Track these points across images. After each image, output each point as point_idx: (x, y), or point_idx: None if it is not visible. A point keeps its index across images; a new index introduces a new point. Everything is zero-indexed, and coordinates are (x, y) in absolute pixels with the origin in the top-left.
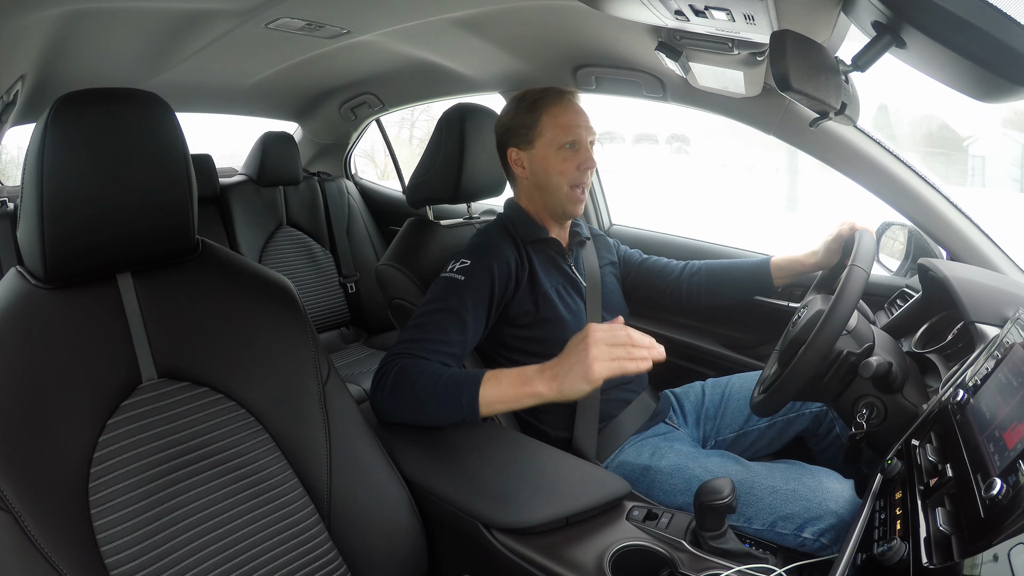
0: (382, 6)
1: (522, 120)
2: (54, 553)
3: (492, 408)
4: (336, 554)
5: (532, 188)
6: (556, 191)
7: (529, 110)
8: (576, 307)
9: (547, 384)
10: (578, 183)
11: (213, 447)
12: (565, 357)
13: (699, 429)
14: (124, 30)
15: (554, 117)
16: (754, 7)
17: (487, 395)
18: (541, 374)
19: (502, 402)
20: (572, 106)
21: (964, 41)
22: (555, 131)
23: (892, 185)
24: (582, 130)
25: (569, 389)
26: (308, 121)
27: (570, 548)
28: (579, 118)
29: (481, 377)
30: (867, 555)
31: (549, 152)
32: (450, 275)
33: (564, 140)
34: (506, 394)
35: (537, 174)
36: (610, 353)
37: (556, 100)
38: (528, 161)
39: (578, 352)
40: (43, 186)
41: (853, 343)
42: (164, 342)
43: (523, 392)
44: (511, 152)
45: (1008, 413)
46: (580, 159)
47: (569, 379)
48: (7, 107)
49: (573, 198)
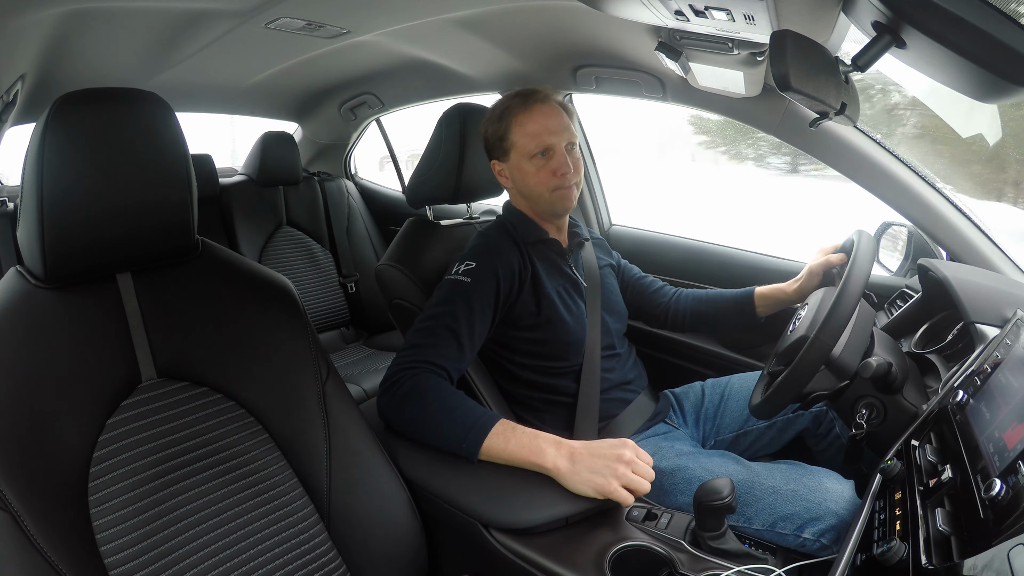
0: (382, 6)
1: (494, 131)
2: (54, 553)
3: (491, 458)
4: (336, 554)
5: (519, 196)
6: (539, 199)
7: (498, 121)
8: (577, 308)
9: (557, 466)
10: (559, 187)
11: (213, 447)
12: (594, 455)
13: (699, 429)
14: (124, 30)
15: (521, 126)
16: (754, 7)
17: (491, 448)
18: (558, 452)
19: (502, 459)
20: (538, 112)
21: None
22: (524, 140)
23: (892, 185)
24: (552, 136)
25: (572, 483)
26: (308, 121)
27: (570, 548)
28: (548, 122)
29: (491, 426)
30: (867, 555)
31: (522, 162)
32: (456, 277)
33: (534, 149)
34: (513, 456)
35: (518, 184)
36: (624, 477)
37: (521, 108)
38: (508, 171)
39: (607, 464)
40: (43, 186)
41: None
42: (164, 342)
43: (530, 461)
44: (493, 164)
45: (1008, 413)
46: (554, 165)
47: (582, 476)
48: (7, 107)
49: (558, 197)
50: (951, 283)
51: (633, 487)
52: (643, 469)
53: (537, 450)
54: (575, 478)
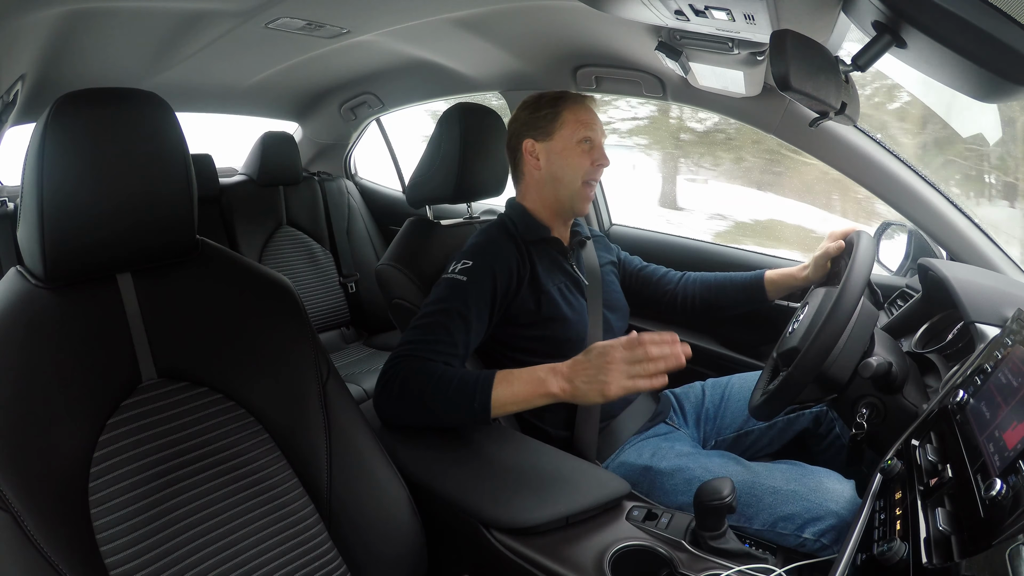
0: (382, 6)
1: (543, 113)
2: (54, 553)
3: (504, 409)
4: (336, 554)
5: (545, 181)
6: (570, 184)
7: (551, 105)
8: (578, 305)
9: (560, 387)
10: (591, 178)
11: (213, 447)
12: (582, 366)
13: (699, 429)
14: (124, 30)
15: (575, 113)
16: (754, 7)
17: (499, 397)
18: (555, 376)
19: (514, 403)
20: (590, 108)
21: (964, 41)
22: (575, 125)
23: (892, 185)
24: (599, 131)
25: (582, 398)
26: (308, 121)
27: (570, 548)
28: (597, 120)
29: (492, 379)
30: (867, 555)
31: (568, 144)
32: (452, 276)
33: (583, 135)
34: (519, 395)
35: (553, 165)
36: (628, 372)
37: (577, 99)
38: (545, 153)
39: (597, 367)
40: (43, 186)
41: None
42: (164, 342)
43: (536, 393)
44: (527, 144)
45: (1008, 413)
46: (595, 155)
47: (584, 389)
48: (7, 107)
49: (583, 195)
50: (951, 283)
51: (644, 381)
52: (654, 355)
53: (539, 382)
54: (581, 392)
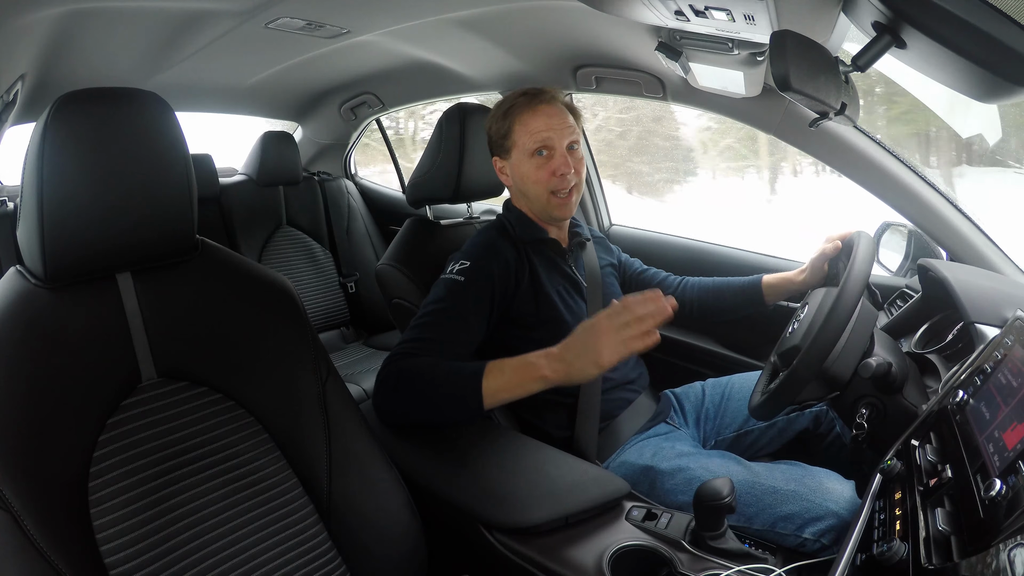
0: (382, 6)
1: (498, 128)
2: (54, 553)
3: (497, 398)
4: (335, 554)
5: (518, 194)
6: (537, 199)
7: (502, 118)
8: (577, 308)
9: (553, 368)
10: (556, 189)
11: (212, 447)
12: (573, 343)
13: (699, 429)
14: (124, 30)
15: (524, 124)
16: (754, 7)
17: (490, 386)
18: (547, 359)
19: (506, 391)
20: (543, 111)
21: (964, 41)
22: (526, 138)
23: (892, 185)
24: (554, 135)
25: (578, 374)
26: (308, 121)
27: (569, 548)
28: (551, 121)
29: (483, 369)
30: (867, 555)
31: (523, 160)
32: (450, 276)
33: (534, 147)
34: (510, 382)
35: (517, 182)
36: (618, 337)
37: (526, 106)
38: (509, 169)
39: (587, 338)
40: (43, 186)
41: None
42: (164, 342)
43: (528, 378)
44: (495, 161)
45: (1008, 413)
46: (554, 165)
47: (578, 364)
48: (7, 107)
49: (555, 203)
50: (951, 283)
51: (637, 342)
52: (640, 314)
53: (531, 366)
54: (576, 367)
